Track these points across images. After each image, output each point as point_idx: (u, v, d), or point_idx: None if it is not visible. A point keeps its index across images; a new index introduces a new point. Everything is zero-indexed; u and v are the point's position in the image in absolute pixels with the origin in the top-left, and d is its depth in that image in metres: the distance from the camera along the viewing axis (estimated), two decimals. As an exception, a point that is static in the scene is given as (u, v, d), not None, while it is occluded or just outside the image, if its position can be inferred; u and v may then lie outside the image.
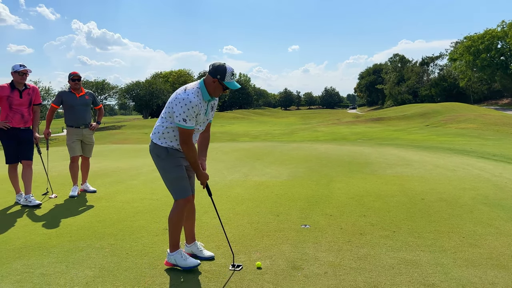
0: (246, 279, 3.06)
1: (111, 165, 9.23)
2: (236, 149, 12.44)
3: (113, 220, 4.72)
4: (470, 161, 9.12)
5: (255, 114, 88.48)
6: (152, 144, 3.35)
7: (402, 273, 3.10)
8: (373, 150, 11.75)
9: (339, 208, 4.97)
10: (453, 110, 43.01)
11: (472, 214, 4.62)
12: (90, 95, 6.34)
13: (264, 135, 34.73)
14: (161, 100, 76.72)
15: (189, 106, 3.09)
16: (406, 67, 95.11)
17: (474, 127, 28.61)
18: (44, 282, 3.10)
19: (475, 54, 65.98)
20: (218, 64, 3.17)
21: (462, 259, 3.35)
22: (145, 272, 3.22)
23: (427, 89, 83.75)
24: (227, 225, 4.39)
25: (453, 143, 16.25)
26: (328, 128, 38.55)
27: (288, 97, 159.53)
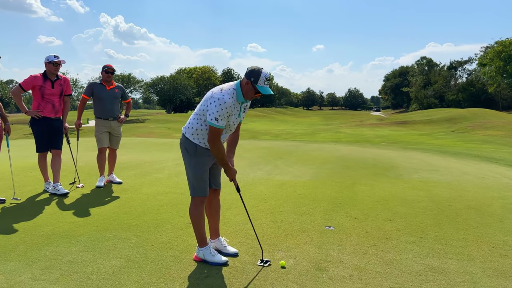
0: (270, 278, 3.05)
1: (136, 157, 9.37)
2: (258, 147, 12.45)
3: (139, 212, 4.79)
4: (499, 169, 8.86)
5: (276, 113, 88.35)
6: (184, 137, 3.39)
7: (429, 280, 3.04)
8: (398, 153, 11.56)
9: (364, 211, 4.91)
10: (481, 116, 41.90)
11: (502, 223, 4.49)
12: (119, 89, 6.44)
13: (286, 134, 34.65)
14: (185, 95, 77.39)
15: (223, 106, 3.11)
16: (433, 71, 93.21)
17: (502, 135, 27.81)
18: (72, 269, 3.16)
19: (506, 60, 64.02)
20: (255, 67, 3.19)
21: (492, 269, 3.25)
22: (170, 265, 3.26)
23: (454, 93, 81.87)
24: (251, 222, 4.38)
25: (480, 150, 15.83)
26: (351, 130, 38.15)
27: (310, 96, 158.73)
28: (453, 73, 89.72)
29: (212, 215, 3.60)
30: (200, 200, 3.37)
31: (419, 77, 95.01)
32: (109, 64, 6.31)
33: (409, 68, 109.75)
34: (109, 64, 6.31)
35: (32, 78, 5.58)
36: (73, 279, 3.00)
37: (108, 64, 6.30)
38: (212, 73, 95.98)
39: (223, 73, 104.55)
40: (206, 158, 3.35)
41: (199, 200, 3.37)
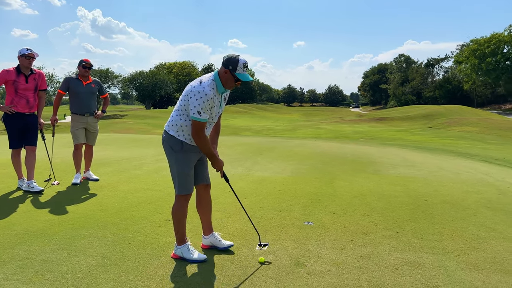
0: (249, 274, 3.05)
1: (114, 154, 9.22)
2: (239, 143, 12.43)
3: (116, 209, 4.72)
4: (474, 164, 9.09)
5: (257, 109, 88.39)
6: (168, 135, 3.30)
7: (405, 274, 3.09)
8: (376, 149, 11.73)
9: (342, 207, 4.96)
10: (457, 113, 42.89)
11: (476, 217, 4.61)
12: (96, 84, 6.32)
13: (267, 130, 34.72)
14: (164, 91, 76.51)
15: (204, 99, 3.07)
16: (411, 68, 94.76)
17: (477, 131, 28.54)
18: (46, 268, 3.09)
19: (481, 58, 65.65)
20: (232, 55, 3.15)
21: (466, 262, 3.33)
22: (147, 263, 3.22)
23: (431, 90, 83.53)
24: (230, 219, 4.38)
25: (456, 146, 16.21)
26: (331, 126, 38.50)
27: (291, 93, 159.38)
28: (430, 70, 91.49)
29: (204, 211, 3.57)
30: (185, 198, 3.32)
31: (397, 74, 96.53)
32: (86, 59, 6.18)
33: (388, 65, 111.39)
34: (86, 59, 6.18)
35: (5, 73, 5.41)
36: (47, 278, 2.93)
37: (85, 59, 6.17)
38: (193, 69, 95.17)
39: (203, 68, 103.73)
40: (192, 154, 3.30)
41: (184, 198, 3.31)
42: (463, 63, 71.58)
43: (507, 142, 22.34)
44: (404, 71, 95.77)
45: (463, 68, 71.59)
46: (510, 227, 4.29)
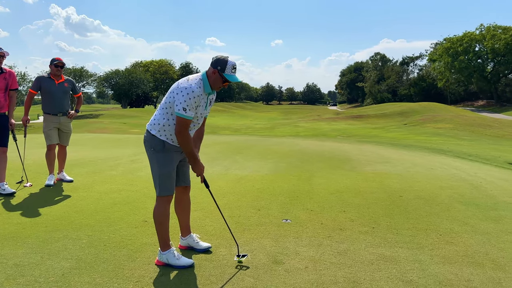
0: (227, 273, 3.04)
1: (89, 154, 9.05)
2: (217, 142, 12.39)
3: (91, 210, 4.63)
4: (447, 160, 9.32)
5: (236, 107, 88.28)
6: (149, 135, 3.23)
7: (381, 269, 3.14)
8: (353, 147, 11.88)
9: (319, 204, 5.00)
10: (431, 110, 43.90)
11: (449, 212, 4.72)
12: (69, 83, 6.18)
13: (245, 129, 34.72)
14: (141, 90, 75.50)
15: (191, 95, 3.03)
16: (386, 66, 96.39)
17: (450, 127, 29.29)
18: (18, 273, 3.00)
19: (454, 56, 67.35)
20: (221, 56, 3.13)
21: (439, 256, 3.41)
22: (123, 264, 3.17)
23: (406, 88, 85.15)
24: (208, 218, 4.36)
25: (430, 142, 16.59)
26: (309, 124, 38.81)
27: (270, 91, 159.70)
28: (405, 68, 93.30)
29: (182, 212, 3.52)
30: (166, 199, 3.23)
31: (373, 73, 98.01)
32: (58, 57, 6.03)
33: (364, 63, 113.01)
34: (58, 57, 6.03)
35: (-27, 72, 5.23)
36: (19, 282, 2.85)
37: (57, 57, 6.02)
38: (170, 67, 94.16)
39: (181, 67, 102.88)
40: (174, 154, 3.23)
41: (165, 199, 3.22)
42: (437, 61, 73.30)
43: (479, 138, 23.03)
44: (380, 69, 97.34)
45: (437, 66, 73.32)
46: (482, 221, 4.41)
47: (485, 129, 28.73)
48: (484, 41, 65.08)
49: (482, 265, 3.24)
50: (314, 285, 2.87)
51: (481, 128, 28.88)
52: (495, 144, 18.80)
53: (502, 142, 21.21)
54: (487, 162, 9.45)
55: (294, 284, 2.87)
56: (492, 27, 65.81)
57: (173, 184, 3.25)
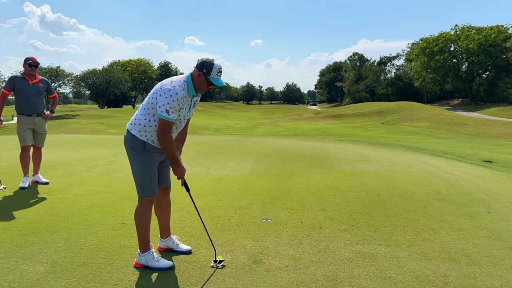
0: (207, 274, 3.02)
1: (65, 155, 8.85)
2: (198, 142, 12.31)
3: (67, 213, 4.52)
4: (424, 158, 9.50)
5: (217, 107, 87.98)
6: (129, 135, 3.17)
7: (360, 267, 3.17)
8: (332, 146, 11.99)
9: (299, 203, 5.02)
10: (408, 109, 44.72)
11: (426, 209, 4.81)
12: (44, 83, 6.03)
13: (226, 128, 34.63)
14: (119, 89, 74.45)
15: (174, 98, 2.98)
16: (364, 66, 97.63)
17: (427, 126, 29.90)
18: (-10, 278, 2.91)
19: (430, 56, 68.79)
20: (206, 59, 3.09)
21: (417, 253, 3.47)
22: (101, 268, 3.10)
23: (384, 88, 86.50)
24: (187, 219, 4.32)
25: (407, 141, 16.89)
26: (289, 124, 38.98)
27: (250, 91, 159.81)
28: (382, 68, 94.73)
29: (162, 214, 3.47)
30: (148, 200, 3.17)
31: (351, 72, 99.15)
32: (32, 57, 5.87)
33: (342, 63, 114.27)
34: (32, 57, 5.87)
35: None
36: (-9, 289, 2.76)
37: (31, 57, 5.86)
38: (148, 66, 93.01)
39: (159, 66, 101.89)
40: (155, 154, 3.18)
41: (147, 200, 3.17)
42: (413, 61, 74.74)
43: (455, 136, 23.59)
44: (358, 69, 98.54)
45: (414, 66, 74.76)
46: (458, 217, 4.51)
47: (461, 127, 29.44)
48: (458, 41, 66.72)
49: (458, 261, 3.31)
50: (294, 284, 2.88)
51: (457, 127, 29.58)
52: (470, 142, 19.29)
53: (476, 140, 21.79)
54: (463, 159, 9.69)
55: (274, 284, 2.88)
56: (467, 27, 67.53)
57: (155, 185, 3.20)
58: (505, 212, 4.74)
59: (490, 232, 4.01)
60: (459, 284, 2.90)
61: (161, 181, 3.37)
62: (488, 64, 67.25)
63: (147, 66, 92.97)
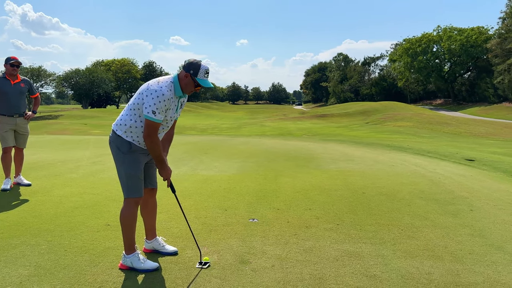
0: (193, 275, 3.01)
1: (48, 157, 8.71)
2: (183, 143, 12.25)
3: (50, 215, 4.45)
4: (407, 157, 9.63)
5: (202, 107, 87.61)
6: (114, 135, 3.13)
7: (345, 265, 3.20)
8: (318, 145, 12.06)
9: (286, 202, 5.04)
10: (392, 109, 45.25)
11: (410, 207, 4.88)
12: (26, 83, 5.92)
13: (212, 128, 34.51)
14: (103, 89, 73.52)
15: (161, 98, 2.95)
16: (349, 66, 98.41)
17: (410, 125, 30.30)
18: (-30, 283, 2.84)
19: (413, 56, 69.73)
20: (194, 60, 3.07)
21: (401, 251, 3.52)
22: (85, 270, 3.06)
23: (368, 88, 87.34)
24: (173, 220, 4.30)
25: (391, 140, 17.09)
26: (275, 123, 39.06)
27: (236, 91, 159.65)
28: (366, 68, 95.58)
29: (148, 215, 3.44)
30: (134, 201, 3.14)
31: (336, 73, 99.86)
32: (14, 56, 5.76)
33: (327, 64, 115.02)
34: (14, 56, 5.76)
35: None
36: (-28, 294, 2.70)
37: (13, 56, 5.75)
38: (132, 66, 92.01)
39: (144, 66, 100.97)
40: (141, 155, 3.15)
41: (133, 201, 3.13)
42: (397, 61, 75.64)
43: (438, 136, 23.96)
44: (342, 69, 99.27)
45: (397, 66, 75.65)
46: (441, 215, 4.58)
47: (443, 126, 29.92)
48: (441, 42, 67.77)
49: (442, 258, 3.36)
50: (280, 283, 2.89)
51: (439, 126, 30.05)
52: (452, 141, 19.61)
53: (459, 139, 22.17)
54: (445, 158, 9.84)
55: (261, 283, 2.88)
56: (449, 28, 68.64)
57: (141, 186, 3.17)
58: (486, 209, 4.84)
59: (473, 230, 4.08)
60: (443, 281, 2.95)
61: (147, 182, 3.34)
62: (469, 65, 68.49)
63: (131, 66, 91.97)
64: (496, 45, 54.21)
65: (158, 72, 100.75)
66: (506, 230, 4.08)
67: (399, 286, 2.87)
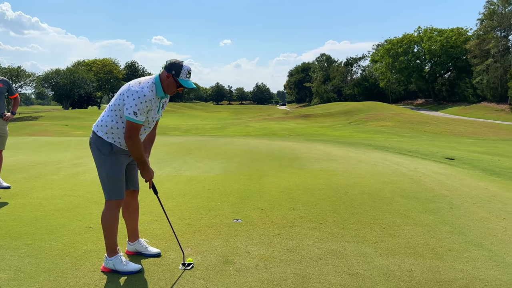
0: (176, 276, 2.99)
1: (27, 159, 8.54)
2: (167, 143, 12.17)
3: (30, 218, 4.37)
4: (389, 156, 9.77)
5: (186, 107, 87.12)
6: (95, 136, 3.09)
7: (328, 264, 3.23)
8: (301, 145, 12.13)
9: (270, 202, 5.06)
10: (374, 109, 45.81)
11: (391, 206, 4.95)
12: (4, 83, 5.79)
13: (196, 129, 34.36)
14: (84, 90, 72.43)
15: (142, 99, 2.92)
16: (332, 67, 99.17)
17: (392, 125, 30.72)
18: None
19: (394, 57, 70.76)
20: (175, 60, 3.05)
21: (383, 249, 3.57)
22: (66, 273, 3.02)
23: (351, 88, 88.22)
24: (156, 221, 4.27)
25: (373, 140, 17.31)
26: (259, 124, 39.11)
27: (220, 91, 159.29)
28: (349, 69, 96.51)
29: (130, 217, 3.40)
30: (116, 203, 3.10)
31: (319, 73, 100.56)
32: None
33: (311, 64, 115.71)
34: None
35: None
36: (-52, 300, 2.63)
37: None
38: (114, 66, 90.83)
39: (126, 66, 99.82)
40: (122, 157, 3.11)
41: (115, 203, 3.09)
42: (378, 62, 76.65)
43: (419, 135, 24.36)
44: (325, 70, 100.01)
45: (379, 67, 76.65)
46: (422, 213, 4.67)
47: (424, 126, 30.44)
48: (422, 42, 68.93)
49: (422, 256, 3.42)
50: (264, 283, 2.90)
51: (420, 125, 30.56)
52: (433, 140, 19.97)
53: (439, 138, 22.59)
54: (426, 157, 10.01)
55: (245, 284, 2.88)
56: (429, 29, 69.88)
57: (123, 188, 3.13)
58: (466, 207, 4.95)
59: (453, 227, 4.17)
60: (424, 278, 3.01)
61: (129, 183, 3.31)
62: (449, 65, 69.83)
63: (113, 66, 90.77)
64: (475, 46, 55.47)
65: (141, 72, 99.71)
66: (484, 227, 4.18)
67: (381, 283, 2.91)
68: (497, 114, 46.04)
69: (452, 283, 2.92)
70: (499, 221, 4.39)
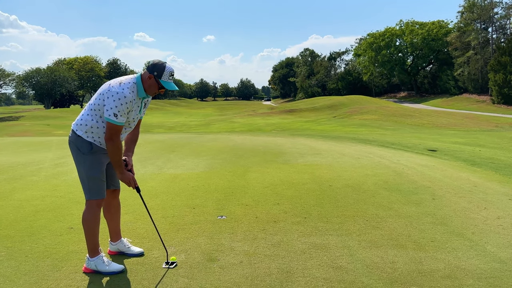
0: (160, 275, 2.97)
1: (8, 160, 8.36)
2: (150, 141, 12.06)
3: (10, 220, 4.27)
4: (372, 149, 9.86)
5: (170, 104, 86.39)
6: (74, 135, 3.02)
7: (312, 257, 3.25)
8: (286, 140, 12.15)
9: (254, 198, 5.05)
10: (357, 103, 46.15)
11: (375, 198, 5.00)
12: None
13: (180, 126, 34.12)
14: (65, 88, 71.25)
15: (122, 101, 2.87)
16: (315, 61, 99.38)
17: (375, 118, 31.00)
18: None
19: (377, 51, 71.27)
20: (158, 61, 2.99)
21: (366, 241, 3.60)
22: (47, 275, 2.96)
23: (334, 82, 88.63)
24: (139, 221, 4.23)
25: (357, 133, 17.45)
26: (244, 120, 39.05)
27: (204, 87, 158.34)
28: (333, 63, 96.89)
29: (112, 217, 3.35)
30: (96, 203, 3.05)
31: (303, 68, 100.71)
32: None
33: (295, 59, 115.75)
34: None
35: None
36: None
37: None
38: (96, 64, 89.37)
39: (108, 63, 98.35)
40: (102, 156, 3.06)
41: (95, 203, 3.04)
42: (361, 56, 77.11)
43: (401, 128, 24.65)
44: (309, 64, 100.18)
45: (362, 61, 77.14)
46: (404, 205, 4.72)
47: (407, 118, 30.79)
48: (403, 36, 69.55)
49: (405, 247, 3.47)
50: (248, 279, 2.89)
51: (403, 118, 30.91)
52: (415, 132, 20.22)
53: (422, 130, 22.88)
54: (409, 149, 10.13)
55: (229, 280, 2.88)
56: (411, 22, 70.55)
57: (103, 187, 3.09)
58: (448, 198, 5.02)
59: (435, 218, 4.23)
60: (406, 269, 3.04)
61: (110, 183, 3.26)
62: (431, 58, 70.66)
63: (95, 63, 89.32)
64: (456, 38, 56.19)
65: (123, 69, 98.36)
66: (466, 217, 4.25)
67: (364, 276, 2.93)
68: (478, 105, 46.85)
69: (434, 273, 2.96)
70: (480, 211, 4.47)
